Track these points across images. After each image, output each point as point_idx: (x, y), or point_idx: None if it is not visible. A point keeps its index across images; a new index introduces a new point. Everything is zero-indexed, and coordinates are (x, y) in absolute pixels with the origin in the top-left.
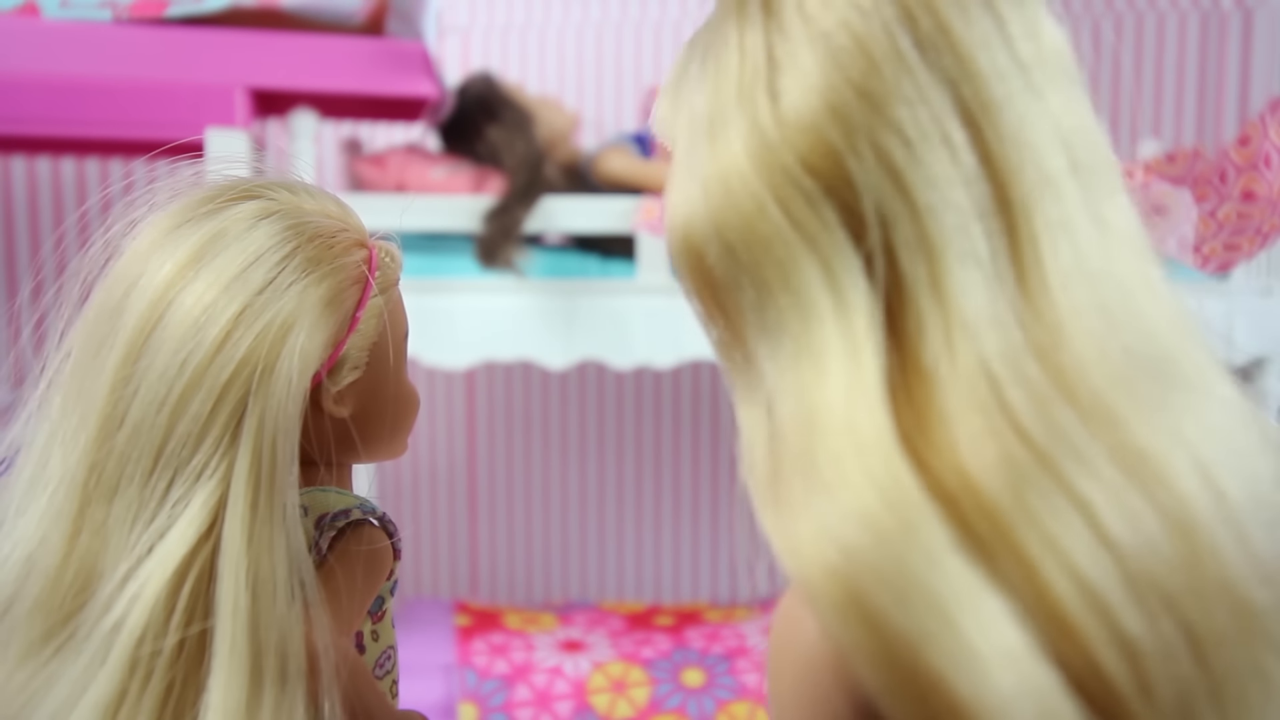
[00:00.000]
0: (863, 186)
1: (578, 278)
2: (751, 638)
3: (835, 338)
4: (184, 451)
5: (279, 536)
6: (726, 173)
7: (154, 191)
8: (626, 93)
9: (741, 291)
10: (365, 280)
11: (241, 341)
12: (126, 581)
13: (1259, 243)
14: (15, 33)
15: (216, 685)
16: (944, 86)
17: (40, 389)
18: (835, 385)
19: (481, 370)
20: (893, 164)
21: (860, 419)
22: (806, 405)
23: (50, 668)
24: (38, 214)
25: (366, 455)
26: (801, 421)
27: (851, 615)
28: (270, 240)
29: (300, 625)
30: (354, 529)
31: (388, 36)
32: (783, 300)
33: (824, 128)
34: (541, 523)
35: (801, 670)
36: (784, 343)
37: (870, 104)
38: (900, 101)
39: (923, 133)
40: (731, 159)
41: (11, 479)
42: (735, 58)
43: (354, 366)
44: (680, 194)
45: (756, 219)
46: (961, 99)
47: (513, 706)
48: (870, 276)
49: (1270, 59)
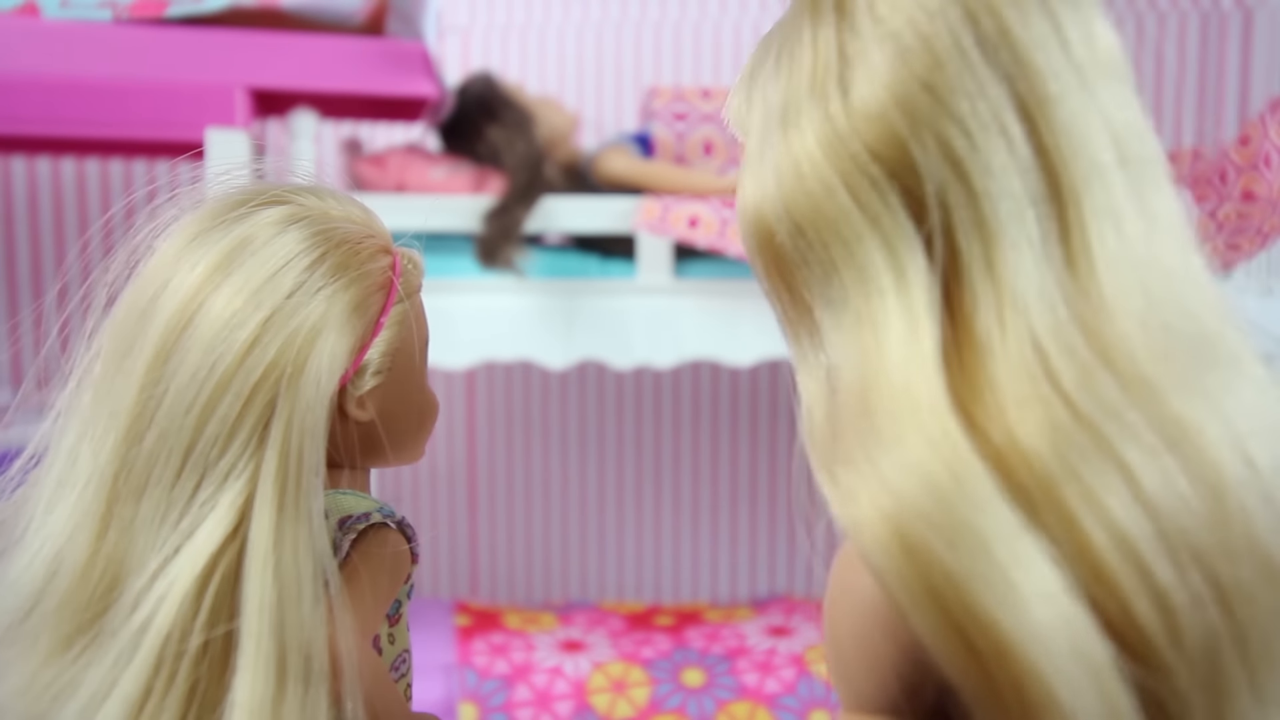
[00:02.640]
0: (925, 173)
1: (578, 278)
2: (751, 638)
3: (895, 309)
4: (212, 453)
5: (304, 538)
6: (799, 159)
7: (180, 194)
8: (626, 93)
9: (808, 268)
10: (390, 286)
11: (270, 345)
12: (154, 580)
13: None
14: (15, 33)
15: (242, 683)
16: (1003, 83)
17: (69, 388)
18: (895, 352)
19: (481, 370)
20: (954, 153)
21: (917, 382)
22: (868, 370)
23: (78, 665)
24: (38, 214)
25: (384, 459)
26: (862, 385)
27: (903, 558)
28: (298, 246)
29: (324, 626)
30: (375, 532)
31: (388, 36)
32: (847, 275)
33: (891, 118)
34: (541, 523)
35: (855, 619)
36: (846, 314)
37: (934, 97)
38: (962, 95)
39: (982, 124)
40: (804, 146)
41: (41, 477)
42: (809, 54)
43: (377, 372)
44: (754, 180)
45: (825, 201)
46: (1019, 94)
47: (513, 706)
48: (929, 255)
49: (1270, 59)
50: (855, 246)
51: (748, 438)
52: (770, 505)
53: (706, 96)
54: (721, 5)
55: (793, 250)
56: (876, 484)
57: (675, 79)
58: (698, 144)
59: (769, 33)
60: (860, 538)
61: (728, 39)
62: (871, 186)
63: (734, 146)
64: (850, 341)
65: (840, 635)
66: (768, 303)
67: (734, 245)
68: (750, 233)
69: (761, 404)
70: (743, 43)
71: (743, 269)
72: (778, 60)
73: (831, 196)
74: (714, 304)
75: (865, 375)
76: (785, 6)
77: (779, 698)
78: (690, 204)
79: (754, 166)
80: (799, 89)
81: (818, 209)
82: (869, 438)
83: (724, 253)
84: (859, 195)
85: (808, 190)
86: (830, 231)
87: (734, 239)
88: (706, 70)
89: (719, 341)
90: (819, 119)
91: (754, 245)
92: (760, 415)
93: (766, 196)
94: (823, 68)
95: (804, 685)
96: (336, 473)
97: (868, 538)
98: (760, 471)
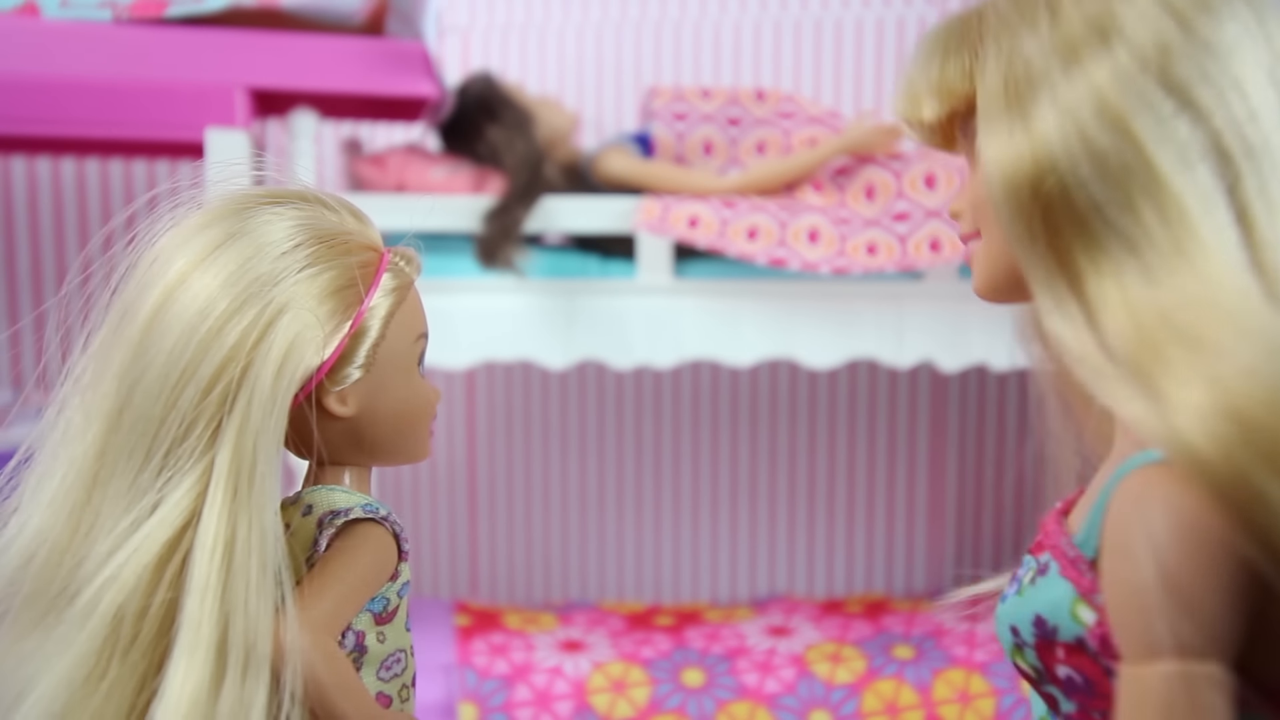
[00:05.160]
0: (1205, 107)
1: (578, 278)
2: (751, 638)
3: (1210, 231)
4: (173, 439)
5: (257, 526)
6: (1084, 102)
7: (180, 197)
8: (626, 93)
9: (1094, 211)
10: (371, 281)
11: (234, 330)
12: (104, 564)
13: None
14: (15, 33)
15: (177, 669)
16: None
17: (66, 384)
18: (1215, 268)
19: (481, 370)
20: (1235, 118)
21: (1247, 294)
22: (1187, 291)
23: (31, 645)
24: (38, 214)
25: (378, 458)
26: (1173, 307)
27: (1246, 450)
28: (276, 236)
29: (270, 619)
30: (354, 526)
31: (388, 36)
32: (1146, 208)
33: (1170, 60)
34: (541, 523)
35: (1186, 547)
36: (1147, 247)
37: (1198, 45)
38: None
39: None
40: (1091, 89)
41: (33, 465)
42: (1071, 8)
43: (357, 366)
44: (1016, 134)
45: (1123, 139)
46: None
47: (513, 706)
48: (1219, 180)
49: None
50: (1158, 179)
51: (748, 438)
52: (770, 505)
53: (706, 96)
54: (721, 5)
55: (1074, 194)
56: (1215, 389)
57: (675, 79)
58: (698, 144)
59: (944, 23)
60: (1198, 442)
61: (728, 39)
62: (1168, 120)
63: (734, 146)
64: (1156, 269)
65: (1172, 572)
66: (1027, 256)
67: (734, 245)
68: (1011, 190)
69: (761, 404)
70: (743, 43)
71: (743, 269)
72: (1029, 22)
73: (1129, 134)
74: (714, 304)
75: (1185, 295)
76: (783, 7)
77: (779, 698)
78: (690, 204)
79: (1009, 122)
80: (1067, 39)
81: (1116, 147)
82: (1193, 352)
83: (724, 253)
84: (1160, 129)
85: (1104, 129)
86: (1129, 168)
87: (734, 238)
88: (706, 70)
89: (719, 341)
90: (1105, 63)
91: (1017, 202)
92: (760, 415)
93: (1040, 146)
94: (1087, 20)
95: (804, 685)
96: (335, 470)
97: (1208, 438)
98: (760, 471)
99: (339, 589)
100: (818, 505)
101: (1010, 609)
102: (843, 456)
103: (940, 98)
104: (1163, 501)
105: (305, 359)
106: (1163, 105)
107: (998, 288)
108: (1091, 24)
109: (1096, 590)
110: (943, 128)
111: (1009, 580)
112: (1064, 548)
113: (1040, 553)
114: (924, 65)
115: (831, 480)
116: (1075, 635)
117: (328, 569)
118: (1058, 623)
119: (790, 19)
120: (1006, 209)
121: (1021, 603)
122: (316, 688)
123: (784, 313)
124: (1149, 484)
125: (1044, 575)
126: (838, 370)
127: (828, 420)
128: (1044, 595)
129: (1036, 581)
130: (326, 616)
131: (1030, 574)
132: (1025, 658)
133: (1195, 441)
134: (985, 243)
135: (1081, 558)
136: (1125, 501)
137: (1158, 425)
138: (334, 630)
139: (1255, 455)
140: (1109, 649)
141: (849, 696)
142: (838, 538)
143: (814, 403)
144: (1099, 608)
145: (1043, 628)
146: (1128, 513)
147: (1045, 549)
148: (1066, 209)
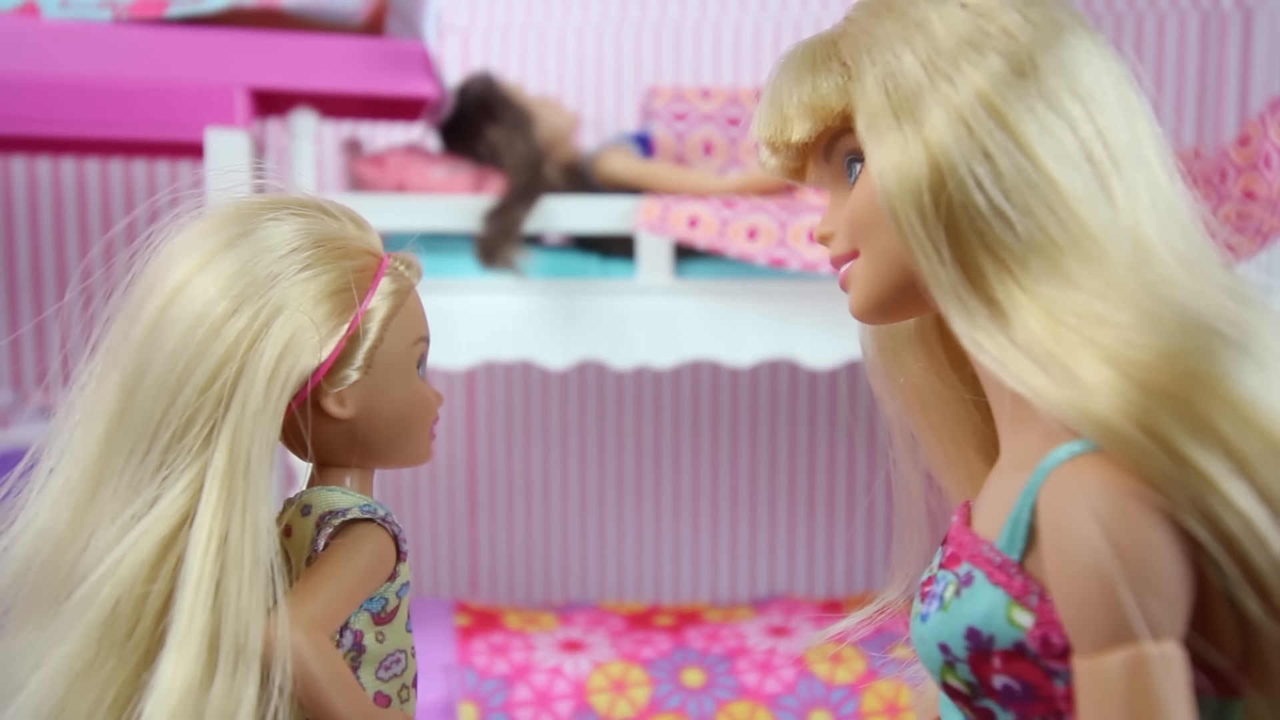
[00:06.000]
0: (1088, 135)
1: (578, 278)
2: (751, 638)
3: (1100, 228)
4: (171, 437)
5: (250, 523)
6: (968, 107)
7: (182, 201)
8: (626, 93)
9: (995, 215)
10: (369, 284)
11: (231, 330)
12: (104, 557)
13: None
14: (15, 33)
15: (168, 661)
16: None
17: (74, 387)
18: (1112, 261)
19: (481, 370)
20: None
21: (1140, 278)
22: (1090, 285)
23: (30, 638)
24: (38, 214)
25: (379, 459)
26: (1088, 298)
27: (1165, 430)
28: (276, 240)
29: (262, 615)
30: (351, 527)
31: (388, 36)
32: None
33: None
34: (541, 523)
35: (1134, 524)
36: (1047, 247)
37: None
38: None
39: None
40: (972, 95)
41: (40, 465)
42: (940, 28)
43: (355, 368)
44: (907, 141)
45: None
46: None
47: (513, 706)
48: (1106, 195)
49: (1270, 59)
50: (1049, 178)
51: (748, 438)
52: (770, 505)
53: (706, 96)
54: (721, 5)
55: (974, 195)
56: (1128, 367)
57: (675, 79)
58: (698, 144)
59: (828, 32)
60: (1116, 418)
61: (728, 39)
62: (1048, 125)
63: (734, 146)
64: (1052, 268)
65: (1138, 552)
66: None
67: (734, 245)
68: (911, 197)
69: (761, 404)
70: (743, 43)
71: (743, 269)
72: (902, 38)
73: (1016, 135)
74: (714, 304)
75: (1082, 292)
76: (783, 7)
77: (779, 698)
78: (690, 204)
79: (900, 130)
80: (943, 52)
81: (1006, 147)
82: (1103, 338)
83: (724, 252)
84: (1042, 133)
85: (994, 128)
86: (1020, 168)
87: (734, 238)
88: (706, 70)
89: (719, 341)
90: (983, 70)
91: (919, 209)
92: (760, 415)
93: (936, 147)
94: (956, 36)
95: (804, 685)
96: (336, 471)
97: (1125, 412)
98: (760, 471)
99: (333, 586)
100: (818, 505)
101: (935, 627)
102: (842, 456)
103: (813, 116)
104: (1100, 485)
105: (301, 360)
106: (1044, 113)
107: (882, 306)
108: (962, 38)
109: (1030, 592)
110: (802, 152)
111: (918, 600)
112: (987, 555)
113: (957, 565)
114: (792, 85)
115: (831, 480)
116: (1013, 640)
117: (323, 567)
118: (993, 631)
119: (790, 19)
120: (907, 217)
121: (947, 618)
122: (309, 683)
123: (784, 313)
124: (1081, 471)
125: (969, 586)
126: (838, 370)
127: (828, 420)
128: (973, 606)
129: (961, 594)
130: (320, 613)
131: (951, 588)
132: (957, 674)
133: (1113, 418)
134: (866, 260)
135: (1009, 561)
136: (1060, 493)
137: (1080, 409)
138: (328, 627)
139: (1172, 422)
140: (1050, 650)
141: (849, 696)
142: (838, 538)
143: (814, 403)
144: (1035, 609)
145: (977, 639)
146: (1066, 503)
147: (963, 560)
148: (967, 211)
